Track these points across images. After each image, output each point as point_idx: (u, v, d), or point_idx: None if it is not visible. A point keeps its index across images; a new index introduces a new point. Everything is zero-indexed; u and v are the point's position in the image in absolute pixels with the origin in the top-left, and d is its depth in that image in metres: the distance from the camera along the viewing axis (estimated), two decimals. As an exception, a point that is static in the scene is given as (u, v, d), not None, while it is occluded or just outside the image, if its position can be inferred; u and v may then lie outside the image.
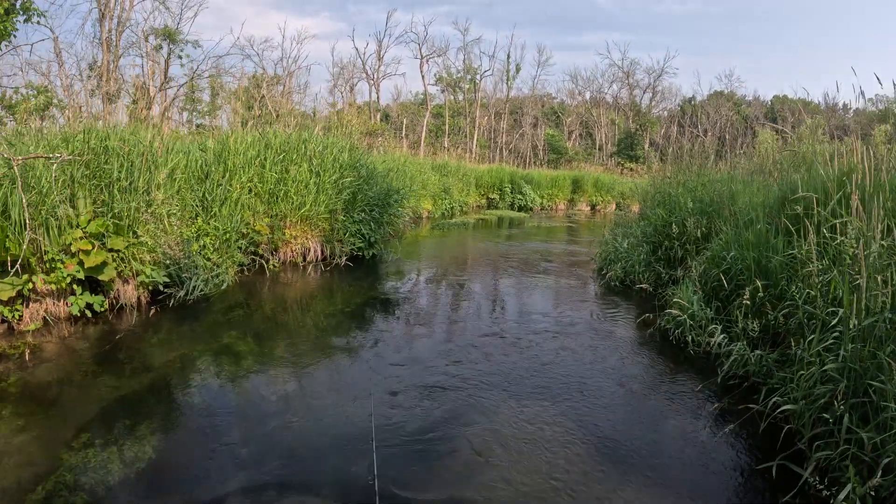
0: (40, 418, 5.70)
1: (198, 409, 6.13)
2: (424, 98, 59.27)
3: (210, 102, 37.91)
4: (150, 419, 5.80)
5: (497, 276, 13.91)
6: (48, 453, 5.02)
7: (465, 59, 62.79)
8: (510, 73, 63.29)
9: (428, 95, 58.41)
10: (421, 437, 5.57)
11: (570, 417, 6.09)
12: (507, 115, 64.31)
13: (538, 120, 67.63)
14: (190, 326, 8.91)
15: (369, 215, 14.41)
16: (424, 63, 56.90)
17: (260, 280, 11.95)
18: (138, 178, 9.57)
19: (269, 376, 7.07)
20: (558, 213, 36.90)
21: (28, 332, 8.11)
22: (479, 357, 7.85)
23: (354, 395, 6.50)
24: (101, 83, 22.33)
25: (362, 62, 57.72)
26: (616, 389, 6.96)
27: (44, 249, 8.31)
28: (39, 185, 8.32)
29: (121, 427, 5.58)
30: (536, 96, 70.74)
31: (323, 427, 5.77)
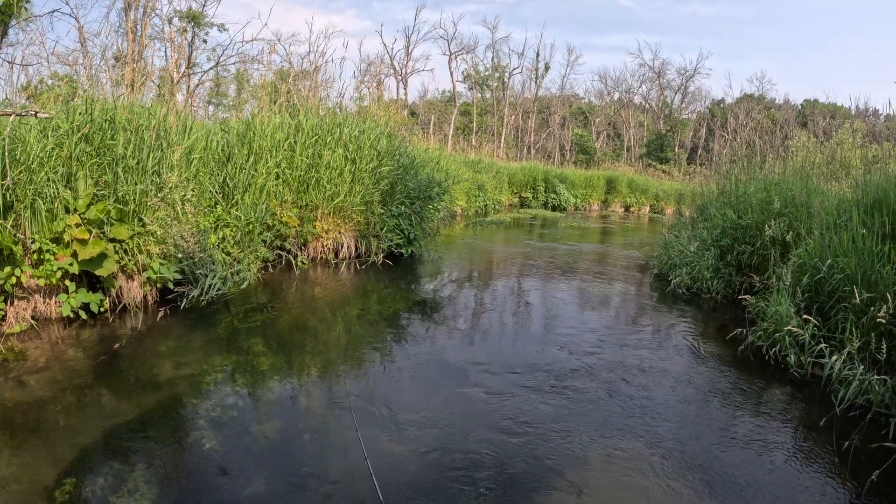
0: (17, 450, 4.51)
1: (214, 443, 4.82)
2: (452, 95, 58.34)
3: (236, 96, 37.15)
4: (155, 454, 4.60)
5: (547, 280, 12.49)
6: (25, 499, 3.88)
7: (494, 56, 62.01)
8: (539, 72, 62.57)
9: (456, 93, 57.37)
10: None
11: (673, 459, 4.94)
12: (535, 114, 63.38)
13: (566, 120, 66.73)
14: (204, 333, 7.58)
15: (409, 208, 13.02)
16: (453, 60, 55.93)
17: (286, 279, 10.67)
18: (147, 156, 8.24)
19: (297, 401, 5.81)
20: (592, 214, 35.76)
21: (12, 334, 6.85)
22: (545, 385, 6.45)
23: (399, 432, 5.21)
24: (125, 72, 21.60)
25: (390, 58, 56.76)
26: (724, 422, 5.82)
27: (30, 237, 7.04)
28: (28, 160, 7.06)
29: (118, 465, 4.40)
30: (565, 96, 69.98)
31: (360, 476, 4.44)
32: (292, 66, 38.30)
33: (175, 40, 29.85)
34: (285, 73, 17.21)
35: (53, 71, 20.94)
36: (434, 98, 67.04)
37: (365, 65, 57.72)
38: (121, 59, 25.83)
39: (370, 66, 57.64)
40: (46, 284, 7.17)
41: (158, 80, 20.27)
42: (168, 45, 30.03)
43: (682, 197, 24.49)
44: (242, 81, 35.60)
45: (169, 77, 21.42)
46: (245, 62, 31.66)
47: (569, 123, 66.99)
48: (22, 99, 9.25)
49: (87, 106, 8.00)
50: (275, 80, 14.08)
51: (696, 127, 69.02)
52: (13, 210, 6.89)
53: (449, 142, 41.67)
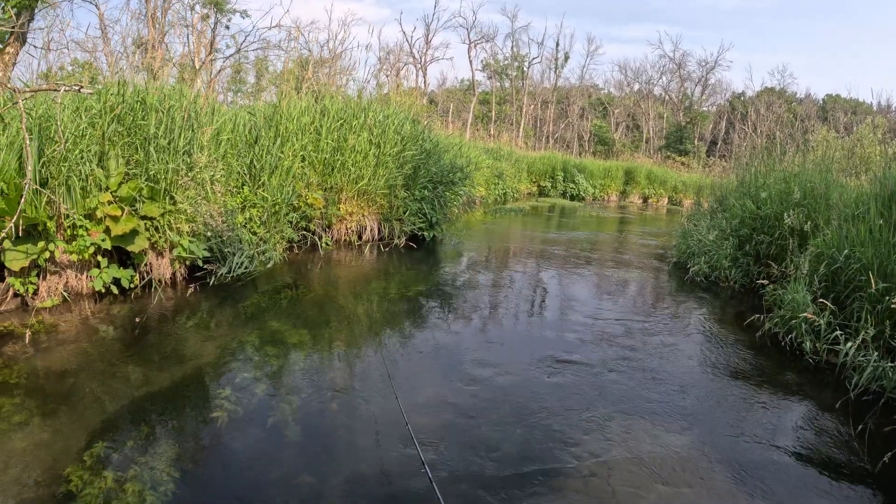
0: (48, 418, 4.61)
1: (240, 414, 4.94)
2: (471, 84, 58.15)
3: (255, 84, 37.19)
4: (182, 425, 4.74)
5: (566, 267, 12.50)
6: (52, 467, 3.97)
7: (514, 46, 61.69)
8: (558, 62, 62.18)
9: (475, 81, 57.18)
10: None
11: (689, 437, 5.05)
12: (553, 104, 63.05)
13: (585, 110, 66.33)
14: (232, 309, 7.69)
15: (432, 193, 13.08)
16: (472, 48, 55.72)
17: (311, 259, 10.79)
18: (179, 136, 8.39)
19: (323, 376, 5.85)
20: (610, 204, 35.56)
21: (44, 308, 6.98)
22: (565, 366, 6.51)
23: (423, 403, 5.32)
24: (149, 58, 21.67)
25: (409, 46, 56.60)
26: (740, 403, 5.91)
27: (64, 213, 7.16)
28: (63, 138, 7.10)
29: (146, 434, 4.50)
30: (584, 86, 69.49)
31: (386, 444, 4.62)
32: (311, 53, 38.37)
33: (198, 27, 29.94)
34: (305, 61, 17.26)
35: (74, 57, 21.10)
36: (453, 86, 66.85)
37: (384, 53, 57.63)
38: (141, 46, 25.99)
39: (389, 55, 57.54)
40: (79, 260, 7.28)
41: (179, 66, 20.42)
42: (190, 31, 30.11)
43: (701, 189, 24.35)
44: (262, 68, 35.67)
45: (190, 63, 21.54)
46: (266, 49, 31.66)
47: (588, 114, 66.59)
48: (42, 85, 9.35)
49: (119, 87, 8.10)
50: (295, 68, 14.13)
51: (715, 120, 68.50)
52: (48, 186, 7.00)
53: (468, 130, 41.61)
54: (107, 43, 25.88)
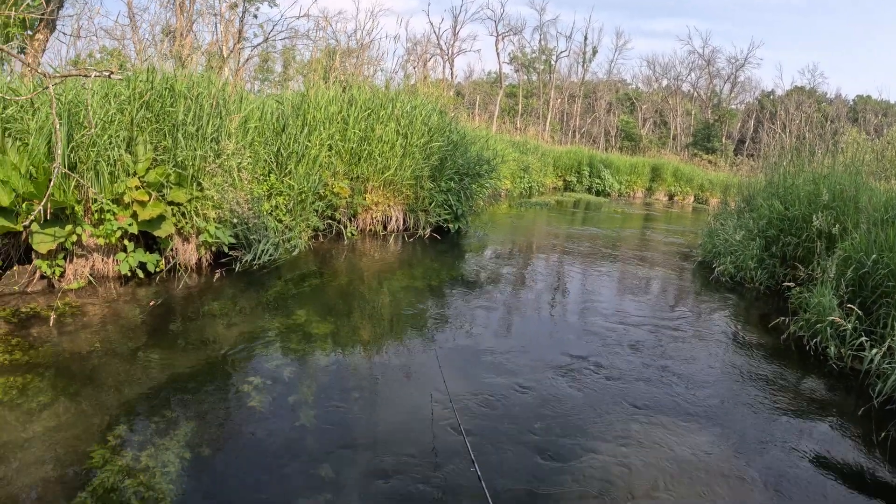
0: (72, 399, 4.67)
1: (260, 399, 5.00)
2: (498, 76, 57.88)
3: (282, 73, 37.25)
4: (204, 408, 4.77)
5: (590, 262, 12.40)
6: (75, 447, 4.03)
7: (541, 39, 61.31)
8: (586, 56, 61.78)
9: (502, 74, 56.97)
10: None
11: (709, 436, 5.04)
12: (580, 98, 62.73)
13: (612, 105, 65.94)
14: (256, 296, 7.72)
15: (458, 185, 13.01)
16: (500, 41, 55.47)
17: (336, 248, 10.81)
18: (207, 123, 8.41)
19: (346, 366, 5.86)
20: (636, 201, 35.23)
21: (70, 290, 7.06)
22: (586, 362, 6.48)
23: (444, 393, 5.21)
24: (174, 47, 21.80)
25: (437, 37, 56.47)
26: (762, 406, 5.81)
27: (92, 198, 7.23)
28: (94, 122, 7.18)
29: (167, 416, 4.57)
30: (612, 81, 68.99)
31: (404, 432, 4.69)
32: (339, 43, 38.42)
33: (226, 15, 30.04)
34: (332, 51, 17.26)
35: (102, 45, 21.24)
36: (480, 79, 66.64)
37: (411, 44, 57.53)
38: (170, 34, 26.07)
39: (416, 46, 57.44)
40: (105, 243, 7.35)
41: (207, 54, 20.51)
42: (218, 20, 30.21)
43: (728, 188, 24.01)
44: (289, 58, 35.74)
45: (218, 51, 21.62)
46: (293, 38, 31.73)
47: (615, 109, 66.23)
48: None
49: (148, 74, 8.14)
50: (322, 57, 14.14)
51: (744, 118, 67.88)
52: (76, 171, 7.05)
53: (494, 123, 41.47)
54: (135, 31, 25.98)
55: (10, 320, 6.06)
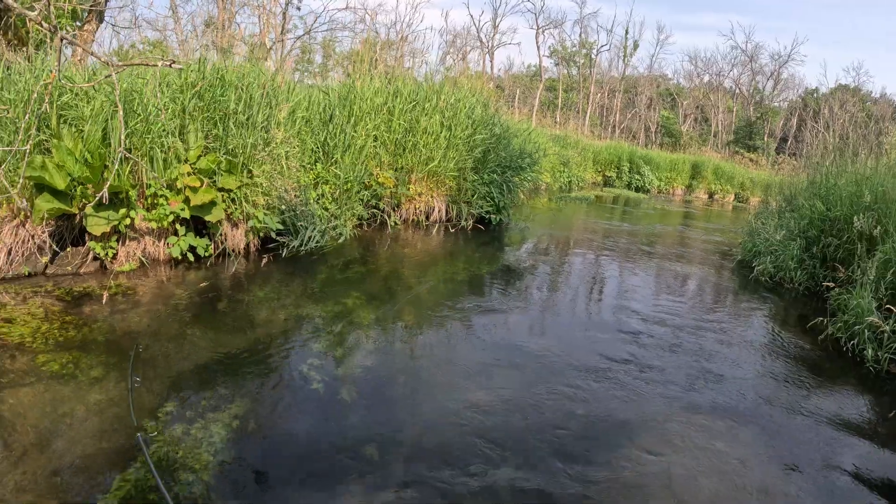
0: (123, 374, 4.85)
1: (305, 380, 5.15)
2: (538, 70, 57.66)
3: (322, 64, 37.45)
4: (249, 387, 4.91)
5: (629, 258, 12.37)
6: (125, 419, 4.21)
7: (582, 32, 60.94)
8: (627, 50, 61.22)
9: (542, 68, 56.72)
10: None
11: (744, 433, 5.06)
12: (621, 93, 62.23)
13: (653, 101, 65.31)
14: (302, 281, 7.88)
15: (500, 177, 13.03)
16: (540, 34, 55.18)
17: (380, 237, 10.96)
18: (257, 112, 8.58)
19: (389, 351, 5.99)
20: (675, 198, 34.86)
21: (122, 272, 7.28)
22: (623, 356, 6.49)
23: (489, 380, 5.37)
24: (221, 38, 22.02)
25: (477, 30, 56.47)
26: (797, 406, 5.78)
27: (146, 183, 7.47)
28: (146, 111, 7.43)
29: (216, 394, 4.71)
30: (653, 76, 68.28)
31: (446, 416, 4.78)
32: (379, 35, 38.58)
33: (268, 7, 30.27)
34: (373, 42, 17.35)
35: (144, 36, 21.59)
36: (520, 72, 66.47)
37: (451, 36, 57.50)
38: (211, 26, 26.35)
39: (456, 38, 57.40)
40: (157, 227, 7.55)
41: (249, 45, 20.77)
42: (259, 12, 30.45)
43: (770, 187, 23.66)
44: (329, 49, 35.92)
45: (260, 43, 21.83)
46: (333, 30, 31.86)
47: (656, 104, 65.62)
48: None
49: (200, 64, 8.31)
50: (362, 50, 14.25)
51: (786, 116, 66.89)
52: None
53: (534, 116, 41.38)
54: (177, 22, 26.34)
55: (63, 299, 6.25)
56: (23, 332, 5.39)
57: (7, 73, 7.23)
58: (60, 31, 3.55)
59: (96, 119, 7.18)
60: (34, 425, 4.05)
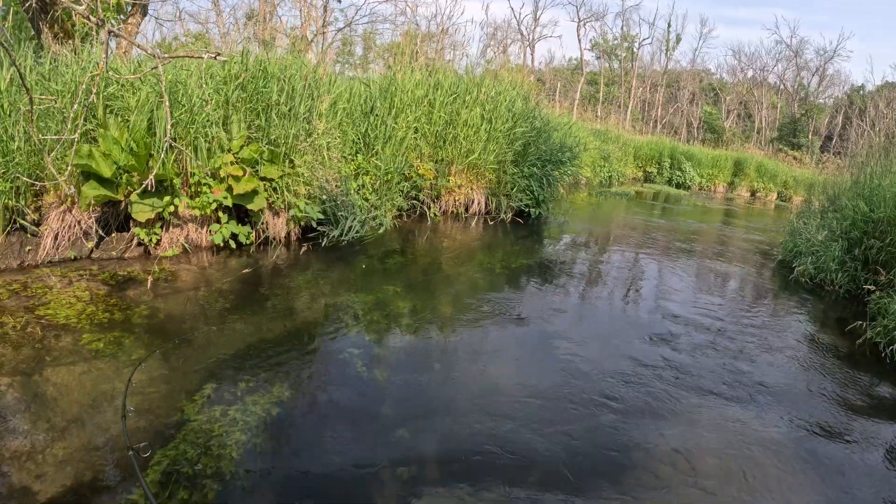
0: (165, 357, 5.03)
1: (341, 367, 5.26)
2: (579, 63, 57.31)
3: (362, 56, 37.58)
4: (287, 372, 5.02)
5: (667, 255, 12.21)
6: (167, 400, 4.36)
7: (624, 25, 60.51)
8: (669, 44, 60.56)
9: (583, 61, 56.35)
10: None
11: (776, 434, 4.98)
12: (663, 87, 61.59)
13: (695, 95, 64.52)
14: (341, 271, 7.98)
15: (540, 171, 12.98)
16: (581, 27, 54.78)
17: (419, 228, 11.04)
18: (299, 103, 8.68)
19: (425, 340, 6.06)
20: (717, 196, 34.33)
21: (165, 258, 7.49)
22: (658, 353, 6.43)
23: (522, 375, 5.39)
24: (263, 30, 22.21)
25: (517, 22, 56.24)
26: (831, 409, 5.67)
27: (190, 172, 7.65)
28: (190, 102, 7.60)
29: (253, 380, 4.82)
30: (695, 70, 67.40)
31: (482, 407, 4.80)
32: (419, 28, 38.62)
33: (309, 0, 30.43)
34: (413, 35, 17.37)
35: (186, 28, 21.85)
36: (560, 66, 66.05)
37: (491, 29, 57.30)
38: (252, 18, 26.58)
39: (496, 31, 57.19)
40: (201, 215, 7.71)
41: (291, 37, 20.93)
42: (301, 5, 30.60)
43: (813, 186, 23.11)
44: (370, 42, 36.05)
45: (301, 35, 21.96)
46: (374, 23, 31.98)
47: (698, 99, 64.85)
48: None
49: (242, 57, 8.43)
50: (402, 42, 14.29)
51: (832, 113, 65.70)
52: (174, 148, 7.39)
53: (574, 110, 41.13)
54: (219, 15, 26.59)
55: (108, 283, 6.45)
56: (68, 314, 5.56)
57: (54, 65, 7.43)
58: (107, 24, 3.63)
59: (142, 109, 7.35)
60: (77, 401, 4.20)
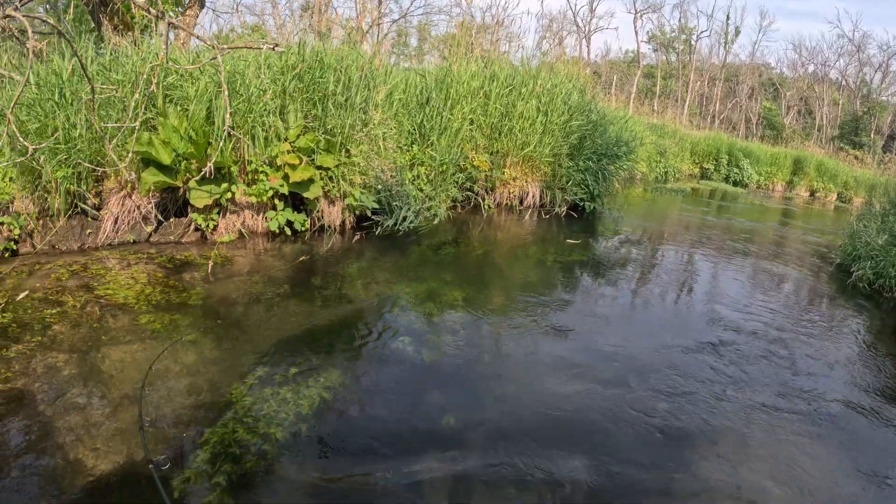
0: (217, 339, 5.17)
1: (391, 355, 5.30)
2: (636, 56, 56.57)
3: (417, 47, 37.74)
4: (337, 358, 5.11)
5: (722, 255, 11.89)
6: (218, 382, 4.46)
7: (681, 17, 59.63)
8: (728, 37, 59.42)
9: (640, 53, 55.67)
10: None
11: (828, 461, 4.62)
12: (721, 81, 60.59)
13: (754, 90, 63.34)
14: (395, 260, 8.03)
15: (596, 165, 12.85)
16: (638, 18, 54.07)
17: (473, 219, 11.04)
18: (355, 94, 8.74)
19: (476, 332, 6.01)
20: (775, 195, 33.53)
21: (221, 243, 7.69)
22: (710, 355, 6.25)
23: (571, 373, 5.31)
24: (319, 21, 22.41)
25: (573, 14, 55.83)
26: (887, 420, 5.41)
27: (247, 160, 7.79)
28: (248, 92, 7.75)
29: (302, 362, 4.92)
30: (754, 64, 66.08)
31: (528, 397, 4.83)
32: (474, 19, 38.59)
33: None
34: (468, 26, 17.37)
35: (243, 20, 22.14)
36: (616, 58, 65.39)
37: (547, 20, 56.93)
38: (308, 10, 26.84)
39: (552, 22, 56.81)
40: (257, 202, 7.84)
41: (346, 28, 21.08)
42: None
43: (874, 187, 22.46)
44: (425, 33, 36.17)
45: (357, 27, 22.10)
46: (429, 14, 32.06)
47: (757, 95, 63.69)
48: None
49: (299, 48, 8.52)
50: (458, 33, 14.28)
51: (895, 112, 64.04)
52: (232, 136, 7.55)
53: (631, 104, 40.72)
54: (275, 6, 26.94)
55: (165, 266, 6.64)
56: (127, 295, 5.73)
57: (114, 56, 7.65)
58: (166, 16, 3.68)
59: (200, 99, 7.52)
60: (131, 379, 4.32)
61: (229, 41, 10.75)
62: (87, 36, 8.32)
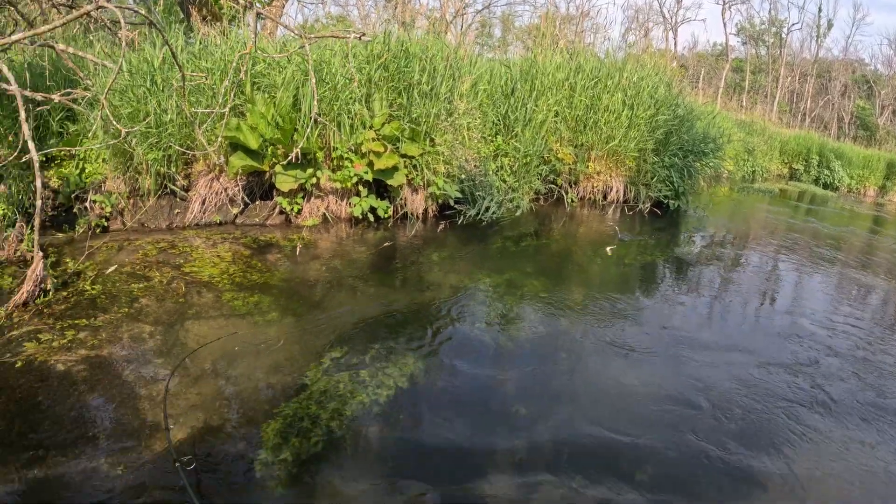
0: (298, 320, 5.31)
1: (468, 344, 5.33)
2: (724, 49, 55.24)
3: (501, 38, 37.73)
4: (414, 344, 5.14)
5: (810, 261, 11.30)
6: (294, 362, 4.57)
7: (772, 9, 57.95)
8: (820, 30, 57.35)
9: (728, 46, 54.34)
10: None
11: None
12: (813, 77, 58.68)
13: (847, 88, 61.15)
14: (476, 250, 8.04)
15: (681, 161, 12.58)
16: (726, 10, 52.70)
17: (555, 212, 10.97)
18: (440, 83, 8.79)
19: (553, 326, 5.95)
20: (866, 199, 32.05)
21: (305, 227, 7.94)
22: (783, 379, 5.72)
23: (646, 375, 5.22)
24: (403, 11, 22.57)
25: (659, 5, 54.84)
26: None
27: (332, 146, 7.95)
28: (334, 80, 7.92)
29: (380, 346, 4.99)
30: (848, 60, 63.70)
31: (602, 396, 4.76)
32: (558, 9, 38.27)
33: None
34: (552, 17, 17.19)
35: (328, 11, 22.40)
36: (704, 51, 63.99)
37: (633, 11, 56.12)
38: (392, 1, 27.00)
39: (638, 14, 55.98)
40: (341, 188, 8.00)
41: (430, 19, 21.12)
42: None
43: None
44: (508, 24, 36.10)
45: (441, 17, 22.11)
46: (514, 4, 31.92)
47: (850, 92, 61.52)
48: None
49: (385, 37, 8.61)
50: (542, 24, 14.17)
51: None
52: (318, 123, 7.69)
53: (718, 99, 39.88)
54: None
55: (250, 246, 6.86)
56: (212, 273, 5.95)
57: (204, 45, 7.93)
58: (254, 6, 3.74)
59: (287, 87, 7.70)
60: (212, 352, 4.49)
61: (315, 31, 10.89)
62: (177, 26, 8.58)
